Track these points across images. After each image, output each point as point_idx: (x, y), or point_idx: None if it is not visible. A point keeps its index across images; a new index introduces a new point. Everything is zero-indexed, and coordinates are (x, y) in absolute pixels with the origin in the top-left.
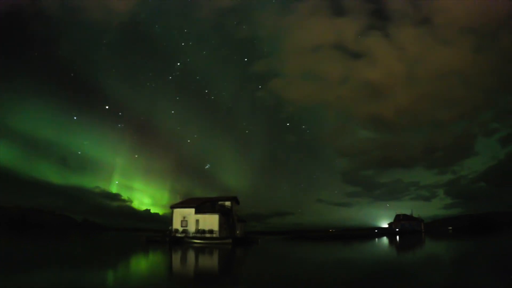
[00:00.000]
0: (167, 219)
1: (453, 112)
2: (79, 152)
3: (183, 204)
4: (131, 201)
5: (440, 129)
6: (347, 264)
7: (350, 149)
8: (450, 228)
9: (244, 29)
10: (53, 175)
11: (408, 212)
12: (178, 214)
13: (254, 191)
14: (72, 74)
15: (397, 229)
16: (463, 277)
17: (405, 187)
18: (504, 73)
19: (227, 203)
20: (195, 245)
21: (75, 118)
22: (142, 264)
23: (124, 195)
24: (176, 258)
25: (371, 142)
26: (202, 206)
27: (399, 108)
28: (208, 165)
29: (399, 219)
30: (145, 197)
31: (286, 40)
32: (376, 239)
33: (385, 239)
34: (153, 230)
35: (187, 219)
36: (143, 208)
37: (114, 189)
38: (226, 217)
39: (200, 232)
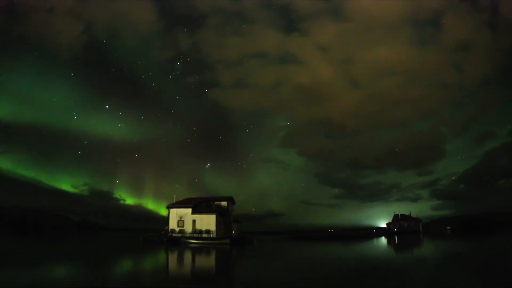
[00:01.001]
0: (164, 219)
1: (413, 111)
2: (79, 152)
3: (179, 204)
4: (128, 201)
5: (403, 129)
6: (346, 264)
7: (314, 151)
8: (449, 228)
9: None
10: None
11: (406, 212)
12: (175, 214)
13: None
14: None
15: (395, 229)
16: (447, 277)
17: (388, 188)
18: (457, 65)
19: (223, 203)
20: (192, 245)
21: (75, 118)
22: (139, 264)
23: (122, 195)
24: (173, 258)
25: (332, 145)
26: (198, 206)
27: (345, 110)
28: (208, 164)
29: (397, 219)
30: (143, 197)
31: (215, 52)
32: (375, 239)
33: (383, 239)
34: (150, 230)
35: (184, 219)
36: (141, 207)
37: (113, 189)
38: (222, 217)
39: (197, 232)
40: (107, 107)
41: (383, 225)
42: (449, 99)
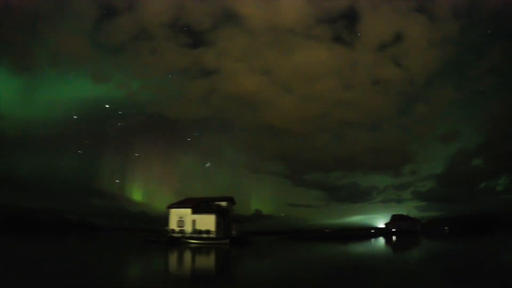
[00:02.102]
0: (164, 220)
1: (360, 112)
2: (79, 151)
3: (179, 204)
4: (130, 201)
5: (358, 131)
6: (344, 264)
7: (275, 154)
8: (447, 228)
9: None
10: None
11: (404, 212)
12: (175, 214)
13: None
14: None
15: (393, 229)
16: (424, 277)
17: (368, 190)
18: (395, 60)
19: (223, 203)
20: (192, 245)
21: (75, 117)
22: (139, 264)
23: (123, 194)
24: (173, 258)
25: (287, 147)
26: (198, 206)
27: (285, 114)
28: (208, 163)
29: (395, 219)
30: (143, 196)
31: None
32: (372, 239)
33: (381, 239)
34: (150, 231)
35: (184, 219)
36: (141, 208)
37: (113, 188)
38: (222, 217)
39: (196, 232)
40: (107, 106)
41: (381, 225)
42: (398, 97)
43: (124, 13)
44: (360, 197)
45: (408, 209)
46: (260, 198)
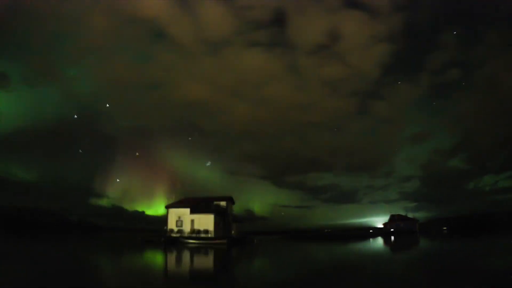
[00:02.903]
0: (163, 220)
1: (319, 114)
2: (80, 151)
3: (178, 204)
4: (128, 202)
5: (322, 132)
6: (344, 264)
7: (251, 156)
8: (445, 228)
9: None
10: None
11: (402, 212)
12: (173, 214)
13: None
14: None
15: (392, 229)
16: (409, 277)
17: (352, 191)
18: (339, 58)
19: (223, 203)
20: (190, 245)
21: (75, 116)
22: (137, 264)
23: (121, 195)
24: (171, 258)
25: (258, 150)
26: (197, 206)
27: (242, 120)
28: (208, 162)
29: (394, 219)
30: (141, 197)
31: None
32: (371, 239)
33: (379, 239)
34: (149, 231)
35: (182, 219)
36: (139, 208)
37: (113, 188)
38: (221, 217)
39: (195, 232)
40: (107, 105)
41: (379, 225)
42: (352, 96)
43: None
44: (346, 198)
45: (403, 209)
46: (245, 200)
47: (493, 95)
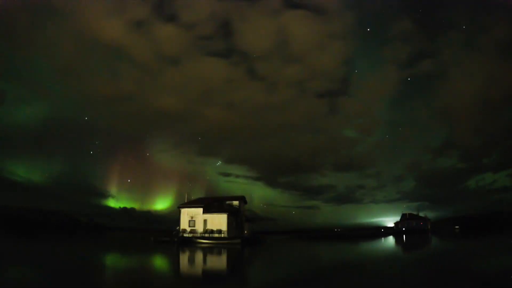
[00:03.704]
0: (175, 220)
1: (292, 116)
2: (91, 152)
3: (190, 204)
4: (139, 201)
5: (300, 134)
6: (351, 264)
7: (236, 159)
8: (457, 227)
9: None
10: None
11: (413, 211)
12: (186, 214)
13: None
14: None
15: (403, 228)
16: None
17: (349, 190)
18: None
19: (235, 203)
20: (203, 245)
21: (86, 118)
22: (150, 264)
23: (132, 194)
24: (184, 258)
25: (242, 151)
26: (210, 206)
27: (217, 124)
28: (219, 162)
29: (405, 218)
30: (153, 197)
31: None
32: (383, 238)
33: (391, 239)
34: (161, 231)
35: (195, 219)
36: (152, 208)
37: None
38: (234, 216)
39: (208, 232)
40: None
41: (390, 224)
42: (319, 96)
43: None
44: (346, 198)
45: (415, 208)
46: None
47: (474, 85)
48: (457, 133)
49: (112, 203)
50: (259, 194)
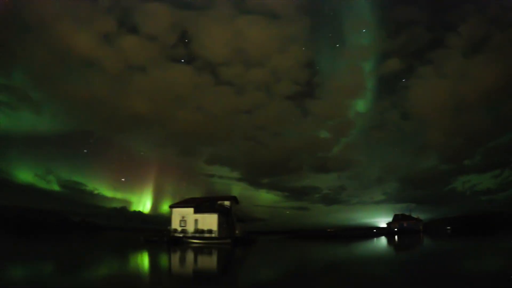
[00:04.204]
0: (166, 220)
1: (264, 119)
2: (85, 150)
3: (182, 204)
4: (130, 201)
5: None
6: (341, 265)
7: (216, 159)
8: (449, 228)
9: None
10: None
11: (406, 212)
12: (177, 214)
13: None
14: None
15: (396, 229)
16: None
17: (335, 191)
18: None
19: (227, 203)
20: (194, 245)
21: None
22: (139, 264)
23: (124, 194)
24: (174, 258)
25: (219, 152)
26: (201, 206)
27: (185, 125)
28: (201, 162)
29: (397, 219)
30: (145, 197)
31: None
32: (375, 239)
33: (383, 239)
34: (152, 230)
35: (186, 219)
36: (143, 208)
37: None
38: (225, 216)
39: (199, 232)
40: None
41: (382, 224)
42: (287, 99)
43: None
44: (332, 199)
45: (406, 209)
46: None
47: (445, 84)
48: (433, 135)
49: (104, 202)
50: (245, 194)
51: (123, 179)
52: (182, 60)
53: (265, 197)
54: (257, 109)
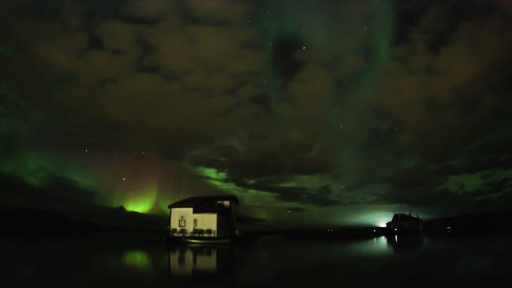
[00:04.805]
0: (165, 220)
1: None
2: (86, 150)
3: (181, 204)
4: (129, 201)
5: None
6: (345, 263)
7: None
8: (449, 228)
9: None
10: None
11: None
12: (176, 213)
13: None
14: None
15: (395, 229)
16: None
17: (324, 192)
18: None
19: (226, 203)
20: (193, 245)
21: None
22: (137, 264)
23: (123, 194)
24: (172, 258)
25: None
26: (200, 206)
27: (165, 127)
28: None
29: (397, 218)
30: (144, 197)
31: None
32: (374, 239)
33: (383, 239)
34: (152, 230)
35: (185, 219)
36: (142, 208)
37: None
38: (224, 216)
39: (198, 232)
40: None
41: (382, 224)
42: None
43: None
44: (323, 199)
45: (406, 209)
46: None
47: (413, 81)
48: (408, 134)
49: (103, 202)
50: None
51: (124, 179)
52: (150, 71)
53: (256, 198)
54: (228, 112)
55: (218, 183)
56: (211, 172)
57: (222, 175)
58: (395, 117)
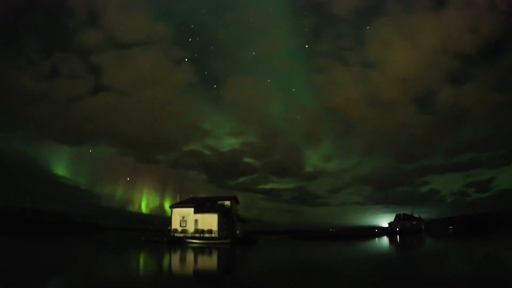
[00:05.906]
0: (166, 220)
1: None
2: (90, 150)
3: (182, 204)
4: (131, 202)
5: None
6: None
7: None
8: (451, 227)
9: None
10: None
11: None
12: (177, 214)
13: None
14: None
15: (397, 229)
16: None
17: (304, 193)
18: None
19: (227, 203)
20: (194, 245)
21: None
22: (140, 264)
23: (124, 194)
24: (173, 258)
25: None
26: (201, 206)
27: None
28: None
29: (399, 218)
30: (145, 198)
31: None
32: (377, 238)
33: (385, 239)
34: (153, 231)
35: (186, 219)
36: (144, 208)
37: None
38: (225, 216)
39: (199, 232)
40: None
41: (384, 224)
42: None
43: None
44: (309, 200)
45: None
46: None
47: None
48: (360, 134)
49: (106, 203)
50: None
51: (128, 179)
52: (105, 89)
53: (243, 199)
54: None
55: (199, 184)
56: (192, 174)
57: (204, 176)
58: (343, 118)
